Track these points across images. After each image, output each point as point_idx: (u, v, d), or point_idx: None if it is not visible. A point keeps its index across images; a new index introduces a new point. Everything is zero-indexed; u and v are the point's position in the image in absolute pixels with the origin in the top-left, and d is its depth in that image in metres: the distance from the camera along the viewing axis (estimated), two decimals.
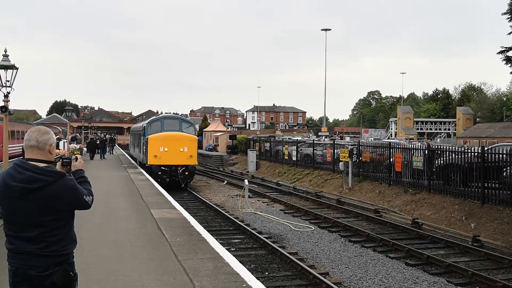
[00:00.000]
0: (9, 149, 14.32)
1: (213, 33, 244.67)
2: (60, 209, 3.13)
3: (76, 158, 3.55)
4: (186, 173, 22.94)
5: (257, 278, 6.59)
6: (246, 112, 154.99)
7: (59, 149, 28.44)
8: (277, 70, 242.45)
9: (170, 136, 23.20)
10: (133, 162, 32.56)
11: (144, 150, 24.10)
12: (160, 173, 22.34)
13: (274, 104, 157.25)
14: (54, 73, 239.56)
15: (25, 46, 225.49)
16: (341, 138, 75.36)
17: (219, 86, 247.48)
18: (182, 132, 23.92)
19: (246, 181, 19.75)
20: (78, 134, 57.55)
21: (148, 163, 22.93)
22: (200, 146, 49.38)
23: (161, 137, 23.15)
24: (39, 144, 3.19)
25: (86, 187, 3.38)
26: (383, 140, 55.17)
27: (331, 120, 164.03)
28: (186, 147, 22.94)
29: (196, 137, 24.78)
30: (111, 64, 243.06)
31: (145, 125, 24.93)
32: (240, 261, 7.25)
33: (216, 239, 8.88)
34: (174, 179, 22.73)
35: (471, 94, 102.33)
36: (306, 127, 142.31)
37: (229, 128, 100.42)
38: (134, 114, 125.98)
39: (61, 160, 3.50)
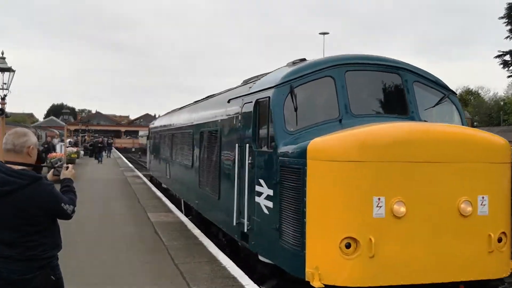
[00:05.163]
0: None
1: (211, 35, 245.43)
2: (35, 214, 3.06)
3: (67, 167, 3.55)
4: None
5: (255, 282, 6.55)
6: None
7: (56, 152, 28.36)
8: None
9: (413, 142, 4.78)
10: (130, 165, 32.17)
11: (272, 212, 5.57)
12: None
13: None
14: (51, 76, 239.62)
15: (23, 48, 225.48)
16: None
17: (218, 89, 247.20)
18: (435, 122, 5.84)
19: None
20: (74, 137, 57.33)
21: (317, 284, 4.54)
22: None
23: (375, 146, 4.66)
24: (15, 147, 3.16)
25: (69, 196, 3.29)
26: None
27: None
28: (485, 195, 4.89)
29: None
30: (109, 67, 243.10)
31: (271, 95, 5.79)
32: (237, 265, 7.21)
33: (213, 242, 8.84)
34: None
35: (468, 98, 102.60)
36: None
37: None
38: (132, 117, 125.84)
39: (53, 169, 3.56)
